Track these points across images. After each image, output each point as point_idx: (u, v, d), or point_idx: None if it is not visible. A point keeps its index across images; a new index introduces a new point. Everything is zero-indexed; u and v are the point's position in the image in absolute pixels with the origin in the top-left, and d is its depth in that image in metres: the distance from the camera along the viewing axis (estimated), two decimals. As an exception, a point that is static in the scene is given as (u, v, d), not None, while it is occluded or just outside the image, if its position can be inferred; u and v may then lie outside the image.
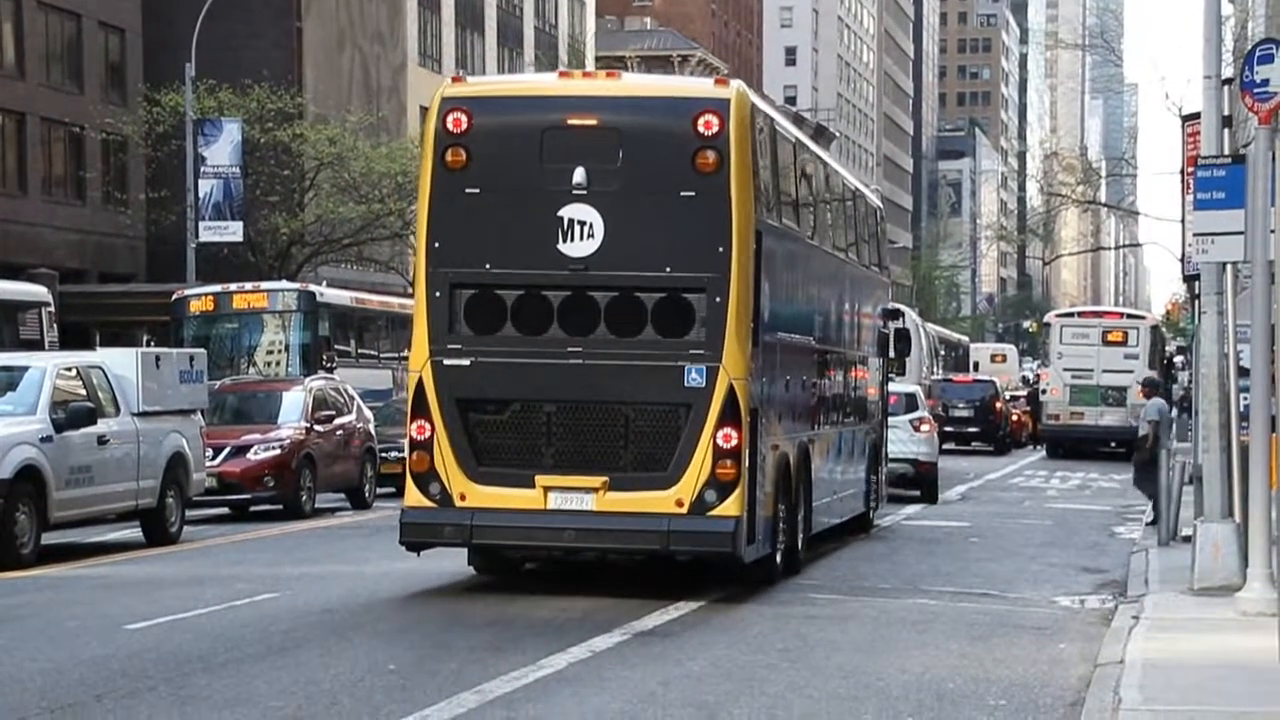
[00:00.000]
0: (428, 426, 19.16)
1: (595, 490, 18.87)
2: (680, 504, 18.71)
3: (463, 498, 19.08)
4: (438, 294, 19.35)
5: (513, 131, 19.54)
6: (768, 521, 20.21)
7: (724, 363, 18.78)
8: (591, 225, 19.01)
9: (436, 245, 19.41)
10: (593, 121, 19.42)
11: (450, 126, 19.42)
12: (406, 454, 19.49)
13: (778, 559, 20.87)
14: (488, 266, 19.34)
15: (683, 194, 19.06)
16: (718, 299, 18.85)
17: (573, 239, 19.04)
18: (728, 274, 18.87)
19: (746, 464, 18.90)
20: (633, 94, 20.21)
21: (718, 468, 18.65)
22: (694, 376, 18.78)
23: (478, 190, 19.38)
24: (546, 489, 18.97)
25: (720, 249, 18.90)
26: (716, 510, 18.67)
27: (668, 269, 19.03)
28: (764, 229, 19.71)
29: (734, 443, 18.70)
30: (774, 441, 20.51)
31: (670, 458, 18.79)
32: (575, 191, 19.04)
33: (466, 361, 19.21)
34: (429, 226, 19.47)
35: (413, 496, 19.32)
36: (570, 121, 19.43)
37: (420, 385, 19.28)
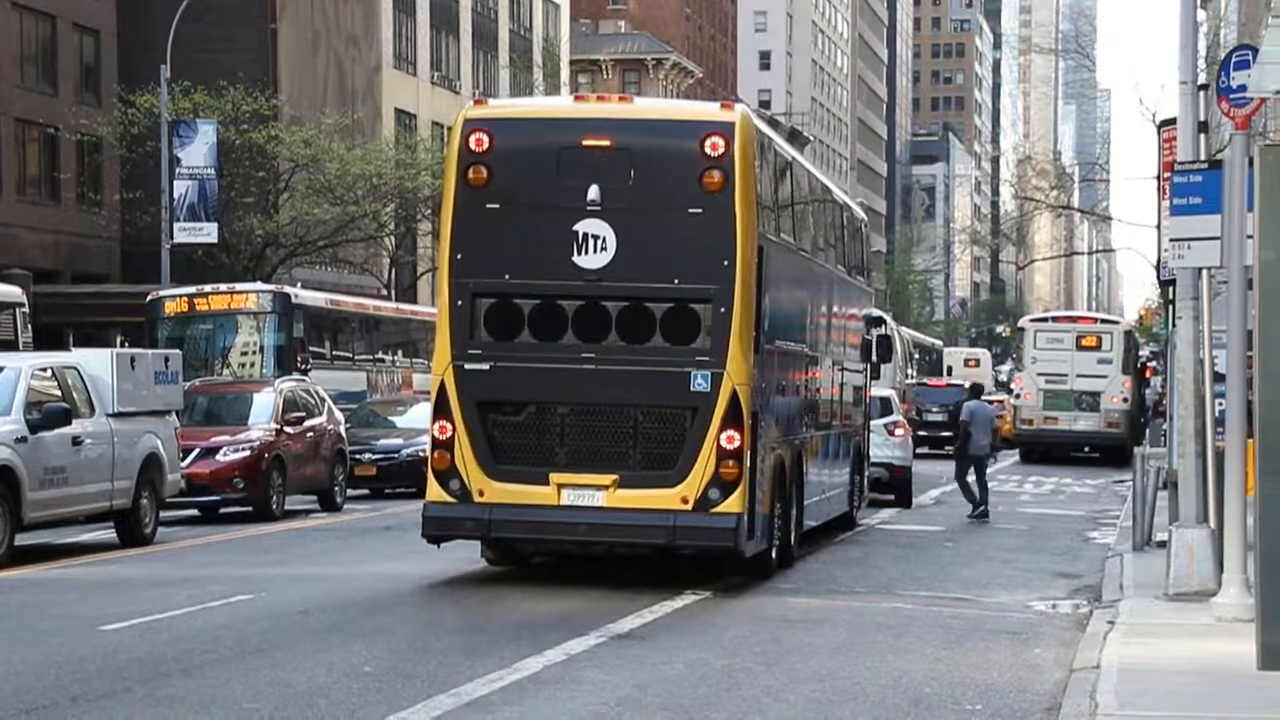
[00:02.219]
0: (449, 426, 20.08)
1: (606, 487, 19.87)
2: (685, 501, 19.75)
3: (481, 494, 20.01)
4: (459, 302, 20.25)
5: (531, 151, 20.51)
6: (765, 518, 21.20)
7: (728, 369, 19.77)
8: (604, 239, 19.97)
9: (459, 257, 20.31)
10: (606, 142, 20.34)
11: (473, 146, 20.33)
12: (429, 452, 20.45)
13: (773, 554, 21.87)
14: (507, 277, 20.27)
15: (690, 210, 20.06)
16: (722, 309, 19.83)
17: (587, 252, 19.98)
18: (732, 286, 19.85)
19: (747, 464, 19.87)
20: (644, 117, 21.26)
21: (721, 467, 19.66)
22: (699, 382, 19.79)
23: (498, 205, 20.34)
24: (560, 486, 19.95)
25: (725, 262, 19.86)
26: (719, 507, 19.72)
27: (675, 281, 20.02)
28: (765, 243, 20.73)
29: (736, 444, 19.69)
30: (771, 443, 21.48)
31: (676, 458, 19.80)
32: (589, 207, 20.02)
33: (486, 366, 20.14)
34: (452, 239, 20.34)
35: (434, 492, 20.20)
36: (585, 142, 20.41)
37: (442, 388, 20.20)
